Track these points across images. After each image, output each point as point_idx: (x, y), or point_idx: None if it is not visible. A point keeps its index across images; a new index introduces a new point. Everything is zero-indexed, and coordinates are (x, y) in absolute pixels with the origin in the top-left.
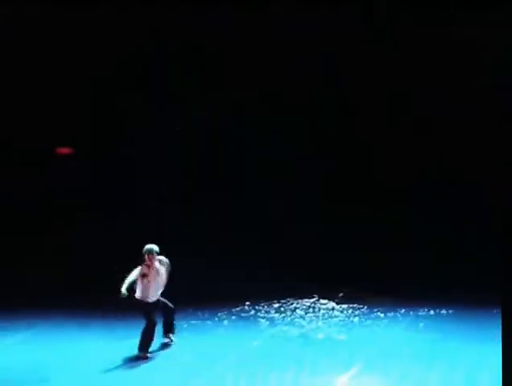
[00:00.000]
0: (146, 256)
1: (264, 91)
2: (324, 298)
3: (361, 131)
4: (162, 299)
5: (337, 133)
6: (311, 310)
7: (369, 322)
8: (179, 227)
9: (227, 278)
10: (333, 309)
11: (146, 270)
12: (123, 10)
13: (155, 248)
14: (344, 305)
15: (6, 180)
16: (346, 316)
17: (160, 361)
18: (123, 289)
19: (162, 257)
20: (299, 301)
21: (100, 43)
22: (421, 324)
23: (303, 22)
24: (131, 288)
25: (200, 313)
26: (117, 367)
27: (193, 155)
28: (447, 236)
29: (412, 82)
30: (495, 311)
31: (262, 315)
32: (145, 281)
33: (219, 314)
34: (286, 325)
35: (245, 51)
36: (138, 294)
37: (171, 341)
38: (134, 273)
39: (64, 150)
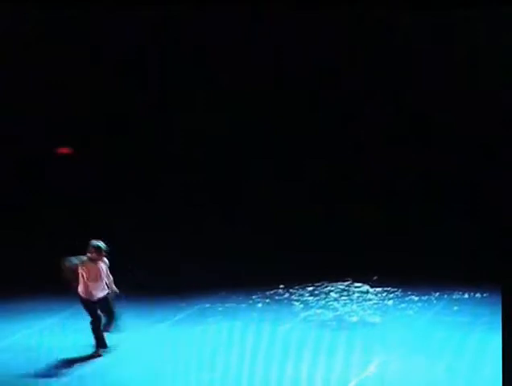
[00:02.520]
0: (93, 253)
1: (264, 90)
2: (358, 281)
3: (361, 131)
4: (109, 297)
5: (337, 133)
6: (345, 293)
7: (403, 305)
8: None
9: (261, 261)
10: (367, 292)
11: (88, 267)
12: (123, 9)
13: (103, 245)
14: (379, 289)
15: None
16: (380, 299)
17: (200, 343)
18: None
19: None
20: (333, 284)
21: (100, 42)
22: (455, 308)
23: (301, 22)
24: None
25: (234, 296)
26: (151, 347)
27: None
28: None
29: (412, 81)
30: None
31: (295, 298)
32: (85, 280)
33: (253, 297)
34: (320, 308)
35: (244, 51)
36: (80, 290)
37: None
38: (78, 260)
39: (64, 150)
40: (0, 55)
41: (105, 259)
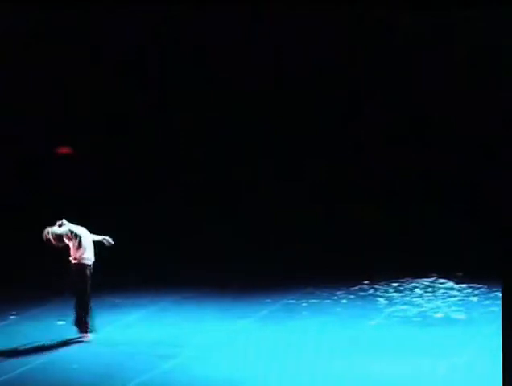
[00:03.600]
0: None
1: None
2: (442, 277)
3: (361, 131)
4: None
5: (337, 133)
6: (429, 289)
7: (488, 301)
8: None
9: (344, 256)
10: (452, 288)
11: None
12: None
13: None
14: (463, 285)
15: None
16: (465, 295)
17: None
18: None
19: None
20: (418, 280)
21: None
22: None
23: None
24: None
25: (318, 292)
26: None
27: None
28: None
29: (412, 81)
30: None
31: (380, 294)
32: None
33: (337, 293)
34: (404, 304)
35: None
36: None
37: None
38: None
39: (64, 150)
40: (0, 55)
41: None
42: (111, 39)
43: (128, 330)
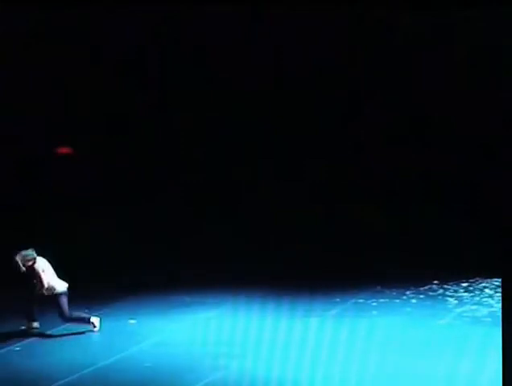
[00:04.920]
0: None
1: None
2: None
3: (361, 131)
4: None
5: (337, 133)
6: (499, 289)
7: None
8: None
9: (413, 255)
10: None
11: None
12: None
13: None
14: None
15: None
16: None
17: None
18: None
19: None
20: (488, 280)
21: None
22: None
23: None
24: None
25: (388, 291)
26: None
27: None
28: None
29: (412, 81)
30: None
31: (450, 294)
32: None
33: (407, 293)
34: (474, 304)
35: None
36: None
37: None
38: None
39: (64, 150)
40: (0, 55)
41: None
42: (111, 39)
43: (198, 329)
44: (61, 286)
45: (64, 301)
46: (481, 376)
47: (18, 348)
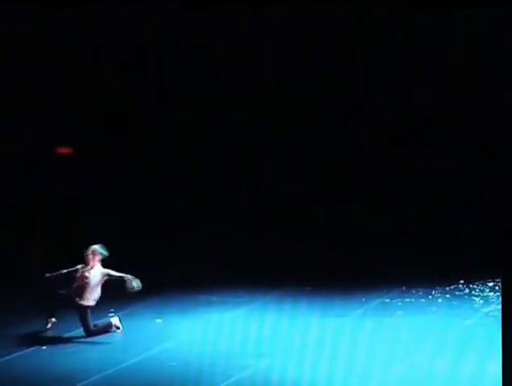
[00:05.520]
0: (89, 255)
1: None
2: None
3: (361, 131)
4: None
5: (337, 133)
6: None
7: None
8: None
9: (440, 255)
10: None
11: (85, 270)
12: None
13: (100, 249)
14: None
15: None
16: None
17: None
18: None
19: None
20: None
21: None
22: None
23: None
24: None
25: (414, 291)
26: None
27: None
28: None
29: (412, 81)
30: None
31: (476, 294)
32: (82, 280)
33: (433, 293)
34: (500, 304)
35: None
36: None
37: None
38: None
39: (64, 150)
40: (0, 55)
41: (99, 266)
42: (111, 39)
43: (224, 328)
44: (93, 300)
45: (89, 315)
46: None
47: (44, 347)
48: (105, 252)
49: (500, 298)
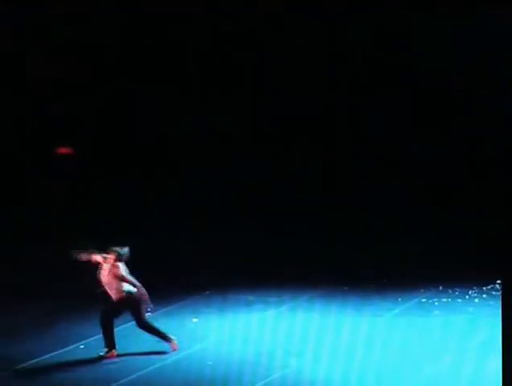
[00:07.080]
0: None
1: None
2: None
3: (361, 131)
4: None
5: (338, 133)
6: None
7: None
8: None
9: (479, 255)
10: None
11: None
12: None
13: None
14: None
15: None
16: None
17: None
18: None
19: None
20: None
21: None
22: None
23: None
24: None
25: (450, 290)
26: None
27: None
28: None
29: (412, 81)
30: None
31: None
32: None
33: (470, 292)
34: None
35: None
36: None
37: None
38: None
39: (64, 150)
40: (0, 55)
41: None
42: (114, 39)
43: (261, 327)
44: (118, 293)
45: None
46: None
47: (82, 346)
48: (121, 251)
49: None
